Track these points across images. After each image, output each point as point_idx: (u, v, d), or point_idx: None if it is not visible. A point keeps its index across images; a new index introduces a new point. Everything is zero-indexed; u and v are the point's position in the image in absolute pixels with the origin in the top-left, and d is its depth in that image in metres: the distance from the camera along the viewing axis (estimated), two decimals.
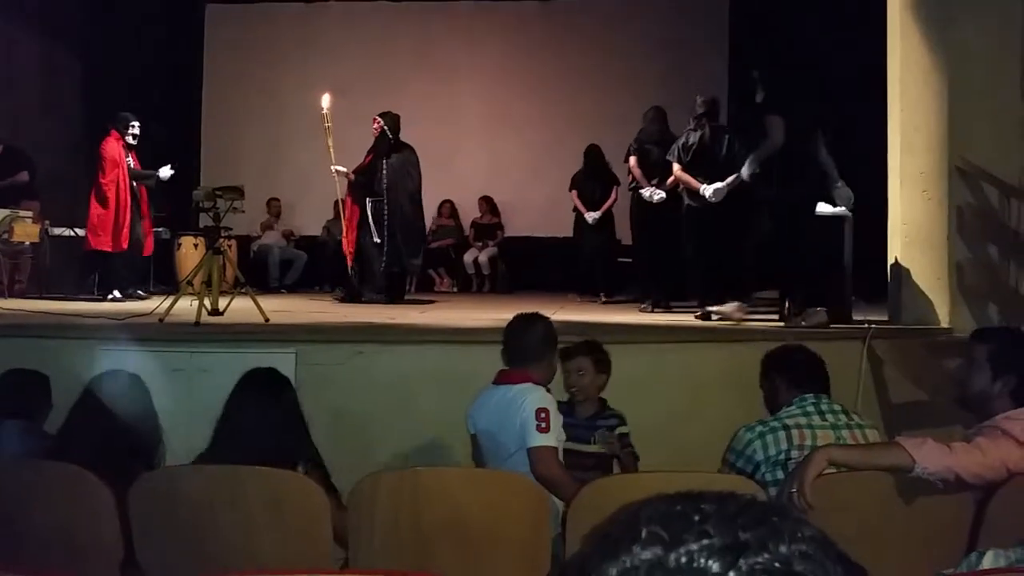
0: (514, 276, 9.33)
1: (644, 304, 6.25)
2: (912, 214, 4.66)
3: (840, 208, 4.69)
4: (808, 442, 2.40)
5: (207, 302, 4.97)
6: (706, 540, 0.53)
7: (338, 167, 6.87)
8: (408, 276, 7.43)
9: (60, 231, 7.34)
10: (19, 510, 2.17)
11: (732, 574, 0.52)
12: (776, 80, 4.80)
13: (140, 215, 6.76)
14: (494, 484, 2.34)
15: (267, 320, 4.80)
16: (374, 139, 6.85)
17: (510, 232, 9.69)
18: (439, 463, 3.50)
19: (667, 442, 3.66)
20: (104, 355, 3.76)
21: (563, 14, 10.11)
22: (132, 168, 6.65)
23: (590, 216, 7.26)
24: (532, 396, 2.63)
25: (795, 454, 2.39)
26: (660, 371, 4.10)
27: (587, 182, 7.38)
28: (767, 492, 2.31)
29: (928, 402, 4.05)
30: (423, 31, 10.06)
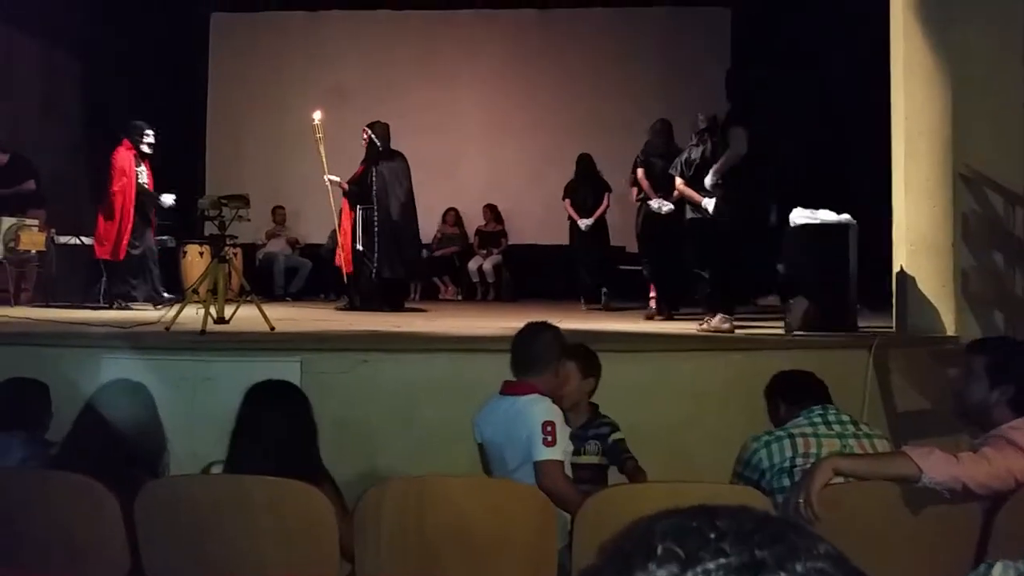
0: (519, 284, 9.34)
1: (649, 311, 6.41)
2: (917, 222, 4.65)
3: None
4: (813, 450, 2.41)
5: (213, 310, 4.98)
6: (723, 559, 0.53)
7: (331, 177, 7.00)
8: (407, 283, 7.44)
9: (66, 239, 7.35)
10: (25, 519, 2.17)
11: None
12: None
13: (148, 223, 6.76)
14: (500, 493, 2.33)
15: (272, 328, 4.80)
16: (364, 149, 6.96)
17: (514, 240, 9.70)
18: (444, 471, 3.49)
19: (669, 450, 3.65)
20: (109, 364, 3.77)
21: (562, 22, 10.15)
22: (140, 185, 6.61)
23: (583, 223, 7.42)
24: (538, 408, 2.61)
25: (800, 461, 2.40)
26: (662, 379, 4.09)
27: (579, 190, 7.56)
28: (774, 499, 2.31)
29: (934, 411, 4.03)
30: (425, 40, 10.10)
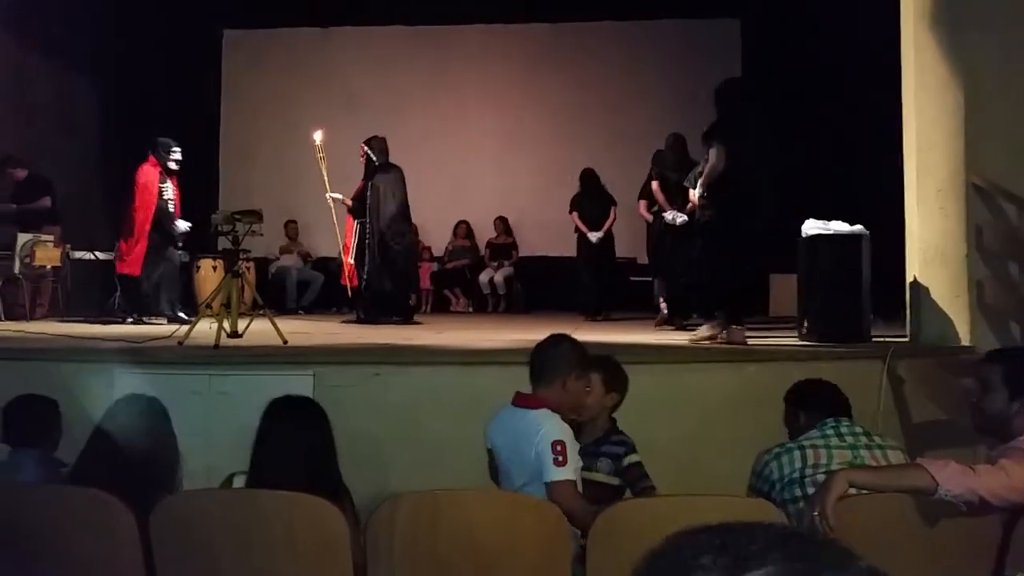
0: (530, 296, 9.35)
1: (661, 315, 6.57)
2: (930, 232, 4.63)
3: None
4: (823, 461, 2.40)
5: (226, 324, 5.01)
6: (761, 571, 0.54)
7: (333, 195, 7.19)
8: (405, 295, 7.44)
9: (81, 255, 7.42)
10: (41, 535, 2.18)
11: None
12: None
13: (170, 240, 6.78)
14: (512, 507, 2.33)
15: (285, 342, 4.82)
16: (363, 165, 7.07)
17: (524, 252, 9.71)
18: (454, 484, 3.48)
19: (679, 463, 3.62)
20: (123, 378, 3.79)
21: (573, 36, 10.19)
22: (160, 205, 6.59)
23: (593, 236, 7.57)
24: (547, 427, 2.55)
25: (809, 472, 2.39)
26: (672, 391, 4.07)
27: (586, 204, 7.70)
28: (785, 511, 2.30)
29: (950, 421, 4.00)
30: (436, 55, 10.17)
